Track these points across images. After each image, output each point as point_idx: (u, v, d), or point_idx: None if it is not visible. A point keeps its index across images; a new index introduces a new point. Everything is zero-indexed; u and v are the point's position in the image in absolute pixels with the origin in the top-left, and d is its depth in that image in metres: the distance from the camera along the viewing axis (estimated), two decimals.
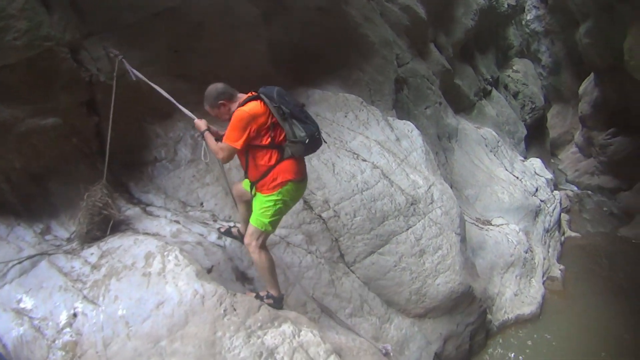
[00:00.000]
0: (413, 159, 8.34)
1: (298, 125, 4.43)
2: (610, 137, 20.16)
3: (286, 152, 4.49)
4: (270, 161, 4.50)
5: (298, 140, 4.42)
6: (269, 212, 4.64)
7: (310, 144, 4.51)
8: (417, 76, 12.21)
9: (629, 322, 9.89)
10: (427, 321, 7.31)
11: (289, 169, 4.55)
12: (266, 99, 4.39)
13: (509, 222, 11.71)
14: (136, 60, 5.69)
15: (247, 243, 4.84)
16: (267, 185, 4.56)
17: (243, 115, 4.32)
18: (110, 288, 4.53)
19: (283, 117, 4.38)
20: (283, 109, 4.36)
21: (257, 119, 4.34)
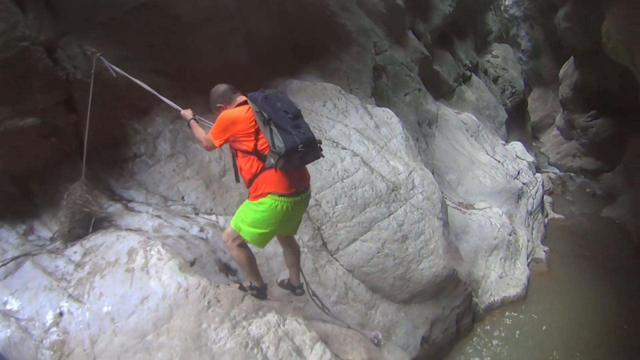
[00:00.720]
0: (393, 146, 8.37)
1: (278, 135, 3.99)
2: (591, 119, 20.27)
3: (267, 162, 4.17)
4: (252, 169, 4.27)
5: (276, 152, 4.00)
6: (247, 220, 4.39)
7: (291, 157, 4.03)
8: (395, 64, 12.21)
9: (613, 302, 10.01)
10: (413, 306, 7.37)
11: (271, 181, 4.23)
12: (251, 103, 4.15)
13: (491, 205, 11.79)
14: (113, 57, 5.65)
15: (224, 240, 4.74)
16: (252, 194, 4.35)
17: (224, 118, 4.24)
18: (95, 285, 4.53)
19: (264, 123, 4.04)
20: (264, 114, 4.02)
21: (237, 124, 4.18)
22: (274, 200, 4.25)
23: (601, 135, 19.76)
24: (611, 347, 8.58)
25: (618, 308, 9.81)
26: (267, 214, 4.29)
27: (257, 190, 4.27)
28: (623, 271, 11.55)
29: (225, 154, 6.53)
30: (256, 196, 4.29)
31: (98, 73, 5.44)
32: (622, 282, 10.91)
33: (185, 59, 7.01)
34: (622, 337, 8.91)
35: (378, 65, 11.29)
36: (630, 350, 8.56)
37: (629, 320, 9.44)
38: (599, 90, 19.00)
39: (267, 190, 4.23)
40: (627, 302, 10.01)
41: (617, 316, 9.53)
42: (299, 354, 4.58)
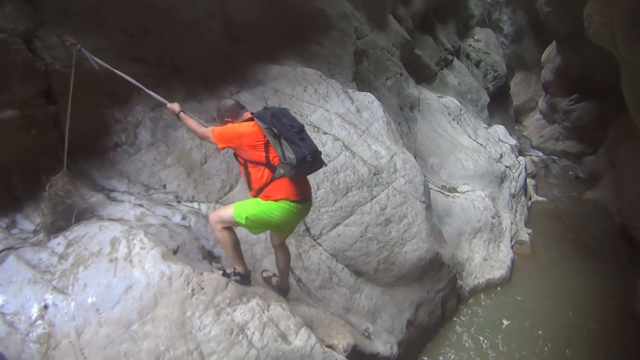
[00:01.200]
0: (374, 130, 8.36)
1: (288, 147, 4.43)
2: (573, 102, 20.40)
3: (277, 172, 4.56)
4: (263, 178, 4.62)
5: (287, 162, 4.44)
6: (252, 212, 4.69)
7: (301, 167, 4.49)
8: (376, 48, 12.18)
9: (596, 282, 10.16)
10: (397, 289, 7.41)
11: (282, 188, 4.62)
12: (259, 121, 4.52)
13: (474, 188, 11.84)
14: (91, 46, 5.57)
15: (212, 221, 4.90)
16: (262, 197, 4.67)
17: (232, 129, 4.63)
18: (79, 277, 4.50)
19: (274, 137, 4.45)
20: (273, 130, 4.43)
21: (243, 137, 4.55)
22: (287, 205, 4.64)
23: (584, 119, 19.91)
24: (594, 326, 8.68)
25: (600, 287, 9.94)
26: (278, 215, 4.68)
27: (270, 196, 4.63)
28: (606, 252, 11.71)
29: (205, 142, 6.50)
30: (268, 198, 4.65)
31: (76, 63, 5.37)
32: (604, 262, 11.08)
33: (164, 46, 6.96)
34: (605, 315, 9.03)
35: (359, 49, 11.26)
36: (613, 328, 8.67)
37: (611, 299, 9.57)
38: (581, 74, 19.07)
39: (279, 197, 4.61)
40: (610, 282, 10.14)
41: (599, 296, 9.67)
42: (284, 339, 4.60)
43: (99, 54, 5.49)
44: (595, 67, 17.29)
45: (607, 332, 8.56)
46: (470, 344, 8.09)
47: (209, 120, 6.85)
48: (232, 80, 7.85)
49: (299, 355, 4.60)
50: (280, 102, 7.87)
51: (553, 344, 8.23)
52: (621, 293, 9.65)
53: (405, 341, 7.13)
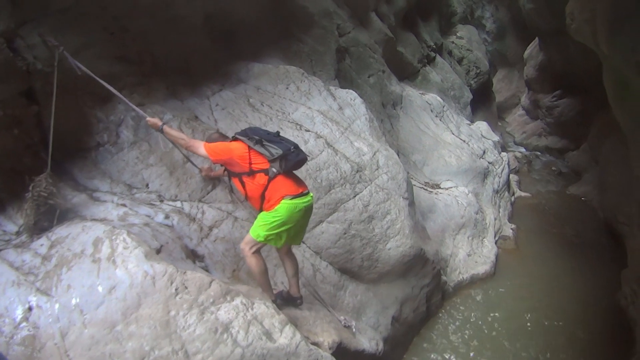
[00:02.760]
0: (357, 127, 8.36)
1: (272, 146, 4.97)
2: (556, 99, 20.54)
3: (270, 172, 4.96)
4: (261, 183, 5.00)
5: (275, 157, 4.92)
6: (267, 226, 4.98)
7: (288, 157, 4.99)
8: (359, 45, 12.17)
9: (579, 276, 10.28)
10: (381, 286, 7.44)
11: (280, 187, 4.97)
12: (240, 136, 5.15)
13: (457, 184, 11.90)
14: (72, 45, 5.58)
15: (242, 248, 5.19)
16: (266, 207, 5.03)
17: (224, 144, 5.24)
18: (62, 278, 4.47)
19: (255, 143, 4.99)
20: (254, 137, 5.02)
21: (234, 151, 5.08)
22: (288, 204, 4.94)
23: (566, 115, 20.06)
24: (578, 320, 8.75)
25: (584, 281, 10.04)
26: (285, 216, 4.96)
27: (271, 200, 4.97)
28: (589, 246, 11.85)
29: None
30: (271, 206, 4.98)
31: (58, 63, 5.35)
32: (588, 257, 11.19)
33: (145, 45, 6.89)
34: (589, 309, 9.12)
35: (341, 47, 11.25)
36: (597, 321, 8.75)
37: (594, 293, 9.66)
38: (563, 71, 19.19)
39: (279, 196, 4.94)
40: (593, 276, 10.24)
41: (583, 290, 9.76)
42: (269, 337, 4.59)
43: (80, 52, 5.53)
44: (577, 64, 17.40)
45: (591, 325, 8.65)
46: (455, 339, 8.14)
47: (191, 119, 6.86)
48: (214, 78, 7.82)
49: (284, 353, 4.60)
50: (262, 100, 7.85)
51: (538, 337, 8.31)
52: (605, 287, 9.74)
53: (391, 337, 7.16)
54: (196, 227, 5.98)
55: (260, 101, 7.84)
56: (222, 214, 6.27)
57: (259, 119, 7.47)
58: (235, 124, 7.22)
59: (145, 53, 6.90)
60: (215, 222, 6.17)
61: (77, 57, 5.32)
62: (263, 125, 7.26)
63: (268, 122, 7.45)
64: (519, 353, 7.93)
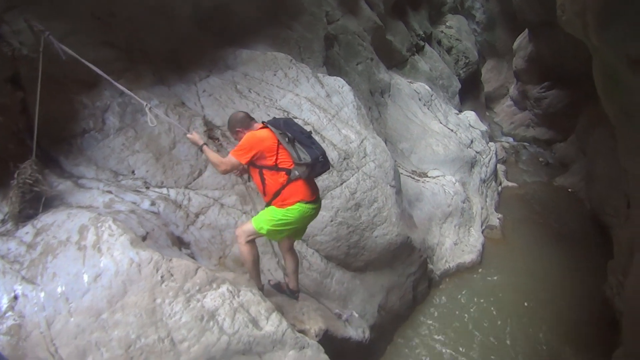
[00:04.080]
0: (344, 115, 8.34)
1: (302, 149, 4.82)
2: (544, 90, 20.57)
3: (293, 174, 4.85)
4: (280, 181, 4.90)
5: (303, 163, 4.79)
6: (274, 222, 4.98)
7: (315, 166, 4.86)
8: (347, 33, 12.16)
9: (566, 266, 10.33)
10: (368, 274, 7.46)
11: (298, 191, 4.92)
12: (273, 127, 4.88)
13: (444, 173, 11.92)
14: (59, 31, 5.50)
15: (238, 234, 5.20)
16: (277, 203, 4.95)
17: (251, 137, 4.86)
18: (48, 266, 4.46)
19: (287, 142, 4.81)
20: (288, 134, 4.81)
21: (264, 142, 4.82)
22: (302, 207, 4.96)
23: (554, 106, 20.10)
24: (564, 310, 8.82)
25: (571, 272, 10.12)
26: (293, 218, 5.00)
27: (286, 200, 4.92)
28: (575, 237, 11.90)
29: (174, 126, 6.44)
30: (284, 204, 4.94)
31: (44, 48, 5.27)
32: (574, 247, 11.25)
33: (133, 31, 6.84)
34: (575, 299, 9.21)
35: (330, 34, 11.24)
36: (582, 312, 8.81)
37: (581, 283, 9.73)
38: (552, 62, 19.18)
39: (296, 199, 4.92)
40: (580, 267, 10.32)
41: (570, 280, 9.83)
42: (255, 325, 4.59)
43: (67, 38, 5.44)
44: (567, 56, 17.41)
45: (577, 315, 8.73)
46: (442, 327, 8.19)
47: (177, 105, 6.82)
48: (201, 64, 7.79)
49: (271, 341, 4.60)
50: (249, 87, 7.84)
51: (524, 326, 8.36)
52: (591, 277, 9.79)
53: (377, 325, 7.19)
54: (182, 214, 5.97)
55: (248, 88, 7.82)
56: (209, 201, 6.27)
57: (246, 105, 7.45)
58: (222, 110, 7.21)
59: (132, 39, 6.85)
60: (201, 208, 6.16)
61: (64, 43, 5.22)
62: (250, 112, 7.18)
63: (255, 109, 7.42)
64: (504, 341, 7.98)
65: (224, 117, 7.05)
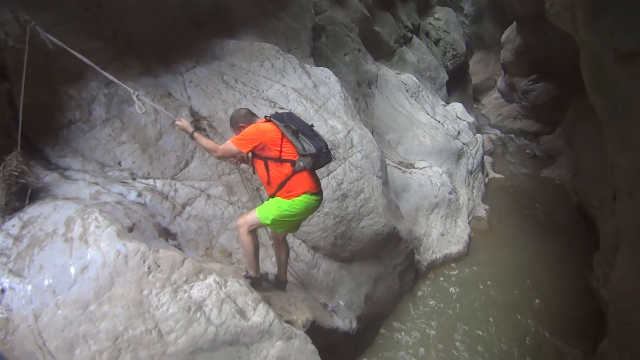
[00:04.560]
0: (331, 105, 8.35)
1: (307, 141, 4.92)
2: (532, 83, 20.62)
3: (298, 165, 4.91)
4: (285, 172, 4.95)
5: (307, 154, 4.88)
6: (279, 212, 5.01)
7: (319, 157, 4.98)
8: (335, 24, 12.18)
9: (552, 257, 10.39)
10: (355, 264, 7.48)
11: (304, 182, 4.99)
12: (276, 120, 4.94)
13: (431, 164, 11.95)
14: (45, 21, 5.42)
15: (240, 224, 5.19)
16: (283, 195, 5.00)
17: (254, 128, 4.96)
18: (34, 258, 4.42)
19: (291, 134, 4.87)
20: (292, 127, 4.90)
21: (266, 134, 4.88)
22: (307, 198, 5.03)
23: (542, 99, 20.16)
24: (550, 301, 8.88)
25: (557, 264, 10.18)
26: (299, 209, 5.06)
27: (292, 191, 4.97)
28: (562, 229, 11.97)
29: (160, 117, 6.42)
30: (289, 195, 4.99)
31: (30, 39, 5.21)
32: (561, 239, 11.31)
33: (119, 21, 6.77)
34: (560, 291, 9.27)
35: (317, 25, 11.22)
36: (568, 303, 8.89)
37: (567, 275, 9.80)
38: (540, 55, 19.22)
39: (301, 191, 4.98)
40: (566, 258, 10.37)
41: (556, 271, 9.90)
42: (242, 316, 4.59)
43: (53, 28, 5.37)
44: (554, 49, 17.44)
45: (563, 307, 8.79)
46: (428, 317, 8.23)
47: (164, 96, 6.79)
48: (188, 55, 7.74)
49: (258, 331, 4.60)
50: (236, 77, 7.81)
51: (510, 317, 8.42)
52: (577, 269, 9.86)
53: (364, 316, 7.22)
54: (169, 205, 5.96)
55: (235, 78, 7.78)
56: (195, 192, 6.25)
57: (232, 96, 7.43)
58: (208, 100, 7.18)
59: (119, 29, 6.78)
60: (188, 199, 6.15)
61: (50, 33, 5.16)
62: (237, 102, 7.24)
63: (242, 99, 7.40)
64: (490, 332, 8.02)
65: (211, 108, 7.06)
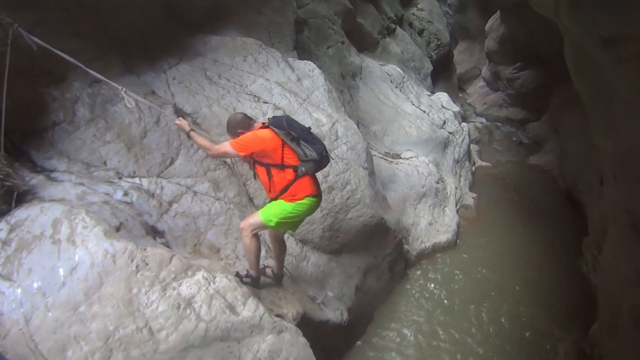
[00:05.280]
0: (315, 98, 8.35)
1: (307, 146, 4.98)
2: (517, 71, 20.71)
3: (300, 170, 5.00)
4: (287, 178, 5.02)
5: (309, 159, 4.97)
6: (283, 215, 5.11)
7: (321, 161, 5.08)
8: (317, 17, 12.17)
9: (541, 243, 10.47)
10: (344, 256, 7.50)
11: (306, 186, 5.10)
12: (275, 128, 4.96)
13: (418, 154, 11.98)
14: (26, 22, 5.39)
15: (243, 227, 5.27)
16: (286, 198, 5.08)
17: (253, 136, 4.99)
18: (23, 262, 4.42)
19: (292, 140, 4.92)
20: (292, 133, 4.92)
21: (264, 142, 4.92)
22: (310, 201, 5.16)
23: (527, 87, 20.24)
24: (540, 287, 8.95)
25: (547, 249, 10.25)
26: (302, 211, 5.20)
27: (296, 195, 5.07)
28: (550, 215, 12.04)
29: (144, 115, 6.42)
30: (293, 199, 5.08)
31: (12, 40, 5.19)
32: (549, 225, 11.38)
33: (101, 19, 6.74)
34: (550, 276, 9.33)
35: (300, 18, 11.18)
36: (558, 288, 8.97)
37: (556, 260, 9.88)
38: (525, 43, 19.25)
39: (304, 194, 5.09)
40: (555, 244, 10.46)
41: (545, 257, 9.97)
42: (232, 311, 4.62)
43: (35, 30, 5.35)
44: (538, 36, 17.48)
45: (553, 292, 8.87)
46: (419, 306, 8.27)
47: (147, 94, 6.77)
48: (171, 52, 7.72)
49: (248, 326, 4.63)
50: (219, 73, 7.80)
51: (500, 303, 8.47)
52: (566, 254, 9.94)
53: (355, 307, 7.24)
54: (155, 203, 5.96)
55: (218, 74, 7.78)
56: (181, 189, 6.25)
57: (216, 91, 7.43)
58: (192, 97, 7.18)
59: (100, 28, 6.75)
60: (174, 197, 6.15)
61: (32, 34, 5.17)
62: (221, 98, 7.26)
63: (226, 95, 7.40)
64: (481, 319, 8.07)
65: (195, 104, 7.05)
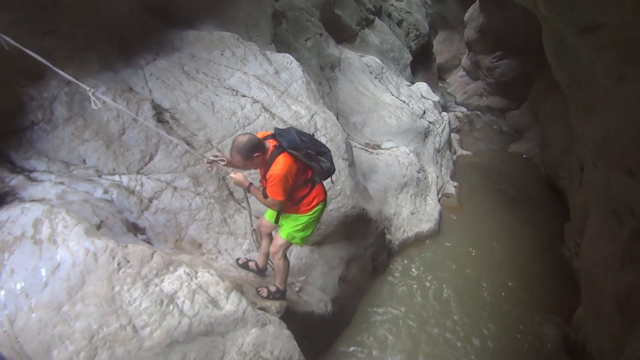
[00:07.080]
0: (294, 91, 8.35)
1: (322, 159, 5.07)
2: (496, 60, 20.82)
3: (314, 181, 5.15)
4: (305, 191, 5.11)
5: (325, 170, 5.10)
6: (300, 228, 5.28)
7: (331, 170, 5.20)
8: (295, 9, 12.18)
9: (524, 230, 10.64)
10: (326, 247, 7.51)
11: (319, 193, 5.25)
12: (294, 150, 4.73)
13: (398, 144, 12.04)
14: (3, 21, 5.42)
15: (274, 252, 5.47)
16: (302, 209, 5.20)
17: (281, 175, 4.67)
18: (5, 263, 4.39)
19: (310, 159, 4.92)
20: (310, 153, 4.91)
21: (292, 172, 4.78)
22: (322, 206, 5.36)
23: (507, 75, 20.39)
24: (524, 273, 9.08)
25: (529, 235, 10.40)
26: (317, 216, 5.39)
27: (310, 204, 5.20)
28: (532, 202, 12.24)
29: (122, 113, 6.38)
30: (309, 209, 5.22)
31: None
32: (531, 212, 11.58)
33: (77, 18, 6.70)
34: (533, 262, 9.47)
35: (277, 11, 11.18)
36: (542, 274, 9.11)
37: (539, 246, 10.02)
38: (504, 32, 19.40)
39: (318, 201, 5.25)
40: (537, 230, 10.60)
41: (528, 243, 10.12)
42: (215, 305, 4.65)
43: (10, 29, 5.29)
44: (517, 25, 17.65)
45: (537, 278, 9.03)
46: (403, 295, 8.34)
47: (125, 90, 6.73)
48: (148, 48, 7.68)
49: (232, 320, 4.66)
50: (197, 67, 7.77)
51: (484, 291, 8.59)
52: (548, 240, 10.09)
53: (339, 298, 7.28)
54: (136, 200, 5.95)
55: (195, 68, 7.75)
56: (161, 185, 6.24)
57: (194, 86, 7.39)
58: (170, 92, 7.14)
59: (76, 26, 6.70)
60: (154, 193, 6.14)
61: (7, 34, 5.10)
62: (199, 93, 7.25)
63: (204, 90, 7.38)
64: (465, 307, 8.16)
65: (173, 100, 7.02)
